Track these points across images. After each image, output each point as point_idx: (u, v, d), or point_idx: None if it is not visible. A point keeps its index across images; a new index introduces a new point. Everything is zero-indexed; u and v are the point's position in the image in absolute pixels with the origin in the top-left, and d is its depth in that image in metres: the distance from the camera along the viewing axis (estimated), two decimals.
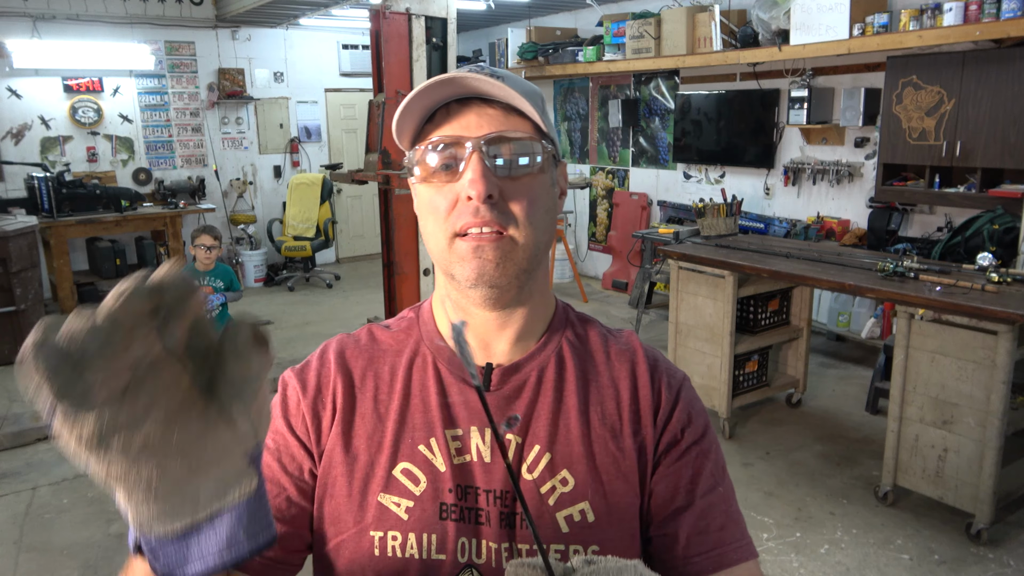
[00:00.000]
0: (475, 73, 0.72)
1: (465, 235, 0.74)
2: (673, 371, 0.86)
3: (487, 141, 0.73)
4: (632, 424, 0.81)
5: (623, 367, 0.84)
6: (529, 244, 0.75)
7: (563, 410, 0.80)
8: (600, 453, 0.79)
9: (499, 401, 0.80)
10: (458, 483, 0.78)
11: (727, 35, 5.59)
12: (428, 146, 0.75)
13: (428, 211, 0.78)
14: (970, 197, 4.41)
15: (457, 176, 0.74)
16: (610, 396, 0.82)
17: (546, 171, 0.78)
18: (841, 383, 4.85)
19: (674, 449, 0.80)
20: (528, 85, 0.78)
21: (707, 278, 3.99)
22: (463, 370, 0.81)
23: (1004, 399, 2.86)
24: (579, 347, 0.85)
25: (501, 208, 0.74)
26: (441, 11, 5.28)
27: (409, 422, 0.80)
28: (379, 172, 5.05)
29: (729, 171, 6.34)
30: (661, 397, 0.82)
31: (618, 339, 0.87)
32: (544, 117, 0.77)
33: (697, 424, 0.82)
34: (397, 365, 0.83)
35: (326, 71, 8.49)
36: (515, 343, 0.82)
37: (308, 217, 7.80)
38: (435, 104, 0.76)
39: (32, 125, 6.92)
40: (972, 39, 4.16)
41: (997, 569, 2.87)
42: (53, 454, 3.99)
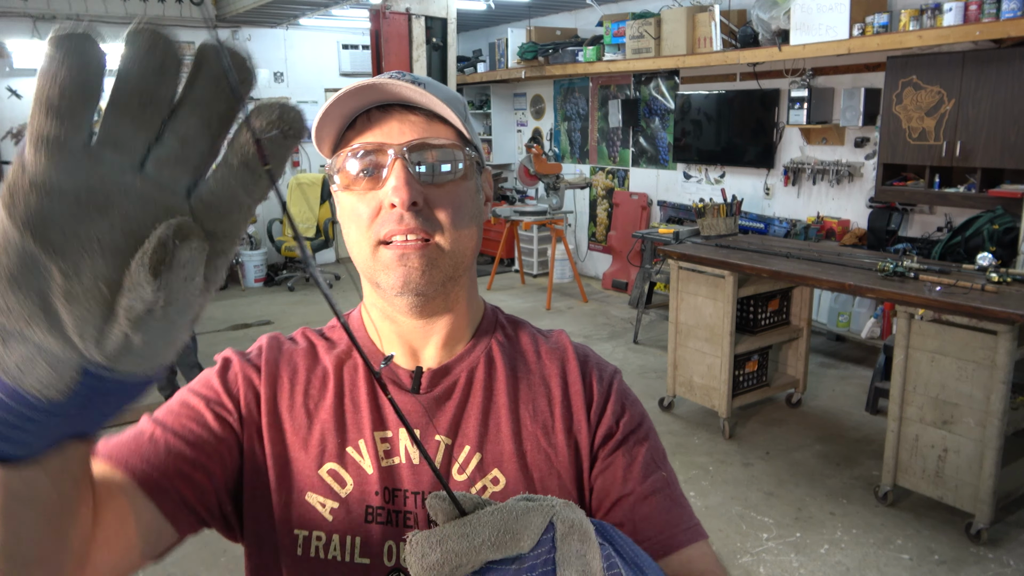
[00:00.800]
0: (396, 79, 0.72)
1: (389, 243, 0.73)
2: (604, 366, 0.86)
3: (410, 148, 0.73)
4: (564, 420, 0.80)
5: (553, 365, 0.84)
6: (455, 251, 0.75)
7: (493, 409, 0.80)
8: (532, 451, 0.79)
9: (429, 403, 0.80)
10: (385, 485, 0.77)
11: (727, 35, 5.59)
12: (349, 153, 0.74)
13: (351, 219, 0.76)
14: (970, 197, 4.41)
15: (380, 183, 0.73)
16: (541, 394, 0.82)
17: (470, 178, 0.77)
18: (841, 383, 4.85)
19: (610, 441, 0.80)
20: (450, 92, 0.78)
21: (707, 278, 3.99)
22: (394, 373, 0.81)
23: (1004, 399, 2.86)
24: (509, 348, 0.85)
25: (426, 215, 0.73)
26: (441, 11, 5.28)
27: (338, 423, 0.79)
28: None
29: (729, 171, 6.34)
30: (593, 391, 0.82)
31: (548, 339, 0.88)
32: (467, 124, 0.77)
33: (632, 414, 0.82)
34: (329, 366, 0.82)
35: (326, 71, 8.49)
36: (443, 347, 0.82)
37: (308, 217, 7.80)
38: (356, 110, 0.76)
39: None
40: (972, 39, 4.16)
41: (997, 569, 2.87)
42: None
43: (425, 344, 0.82)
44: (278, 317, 6.64)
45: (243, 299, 7.33)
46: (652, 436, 0.82)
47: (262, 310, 6.89)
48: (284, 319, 6.58)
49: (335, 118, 0.75)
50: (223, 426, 0.77)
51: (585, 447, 0.80)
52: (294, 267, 8.13)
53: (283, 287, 7.77)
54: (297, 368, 0.83)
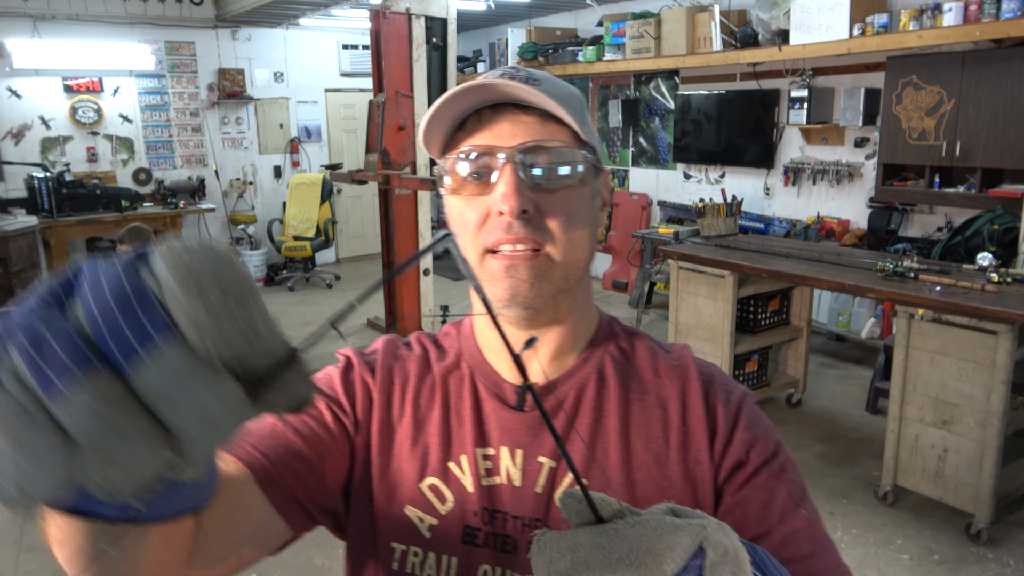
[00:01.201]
0: (508, 79, 0.67)
1: (497, 252, 0.69)
2: (731, 387, 0.77)
3: (522, 151, 0.68)
4: (680, 449, 0.72)
5: (672, 384, 0.76)
6: (567, 262, 0.70)
7: (602, 432, 0.74)
8: (642, 482, 0.72)
9: (533, 422, 0.75)
10: (484, 506, 0.73)
11: (727, 35, 5.59)
12: (458, 155, 0.70)
13: (458, 224, 0.72)
14: (970, 197, 4.41)
15: (489, 188, 0.69)
16: (656, 417, 0.74)
17: (587, 182, 0.72)
18: (841, 383, 4.85)
19: (739, 473, 0.71)
20: (567, 89, 0.73)
21: (707, 278, 3.99)
22: (499, 387, 0.77)
23: (1004, 399, 2.86)
24: (623, 363, 0.78)
25: (536, 223, 0.68)
26: (441, 11, 5.28)
27: (443, 436, 0.76)
28: (379, 172, 5.05)
29: (729, 171, 6.34)
30: (717, 418, 0.74)
31: (669, 354, 0.79)
32: (584, 124, 0.72)
33: (765, 443, 0.73)
34: (438, 376, 0.80)
35: (326, 71, 8.49)
36: (551, 361, 0.77)
37: (308, 217, 7.80)
38: (466, 111, 0.71)
39: (32, 125, 6.92)
40: (972, 39, 4.16)
41: (997, 569, 2.87)
42: None
43: (532, 358, 0.77)
44: (278, 317, 6.62)
45: None
46: (790, 468, 0.72)
47: None
48: (284, 319, 6.56)
49: (444, 119, 0.71)
50: (339, 427, 0.76)
51: (707, 481, 0.71)
52: (294, 267, 8.13)
53: (283, 287, 7.77)
54: (409, 376, 0.80)
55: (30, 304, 0.35)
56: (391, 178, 4.99)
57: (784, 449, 0.74)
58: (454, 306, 6.35)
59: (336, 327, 0.45)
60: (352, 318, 6.52)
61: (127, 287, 0.34)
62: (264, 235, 8.07)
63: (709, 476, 0.71)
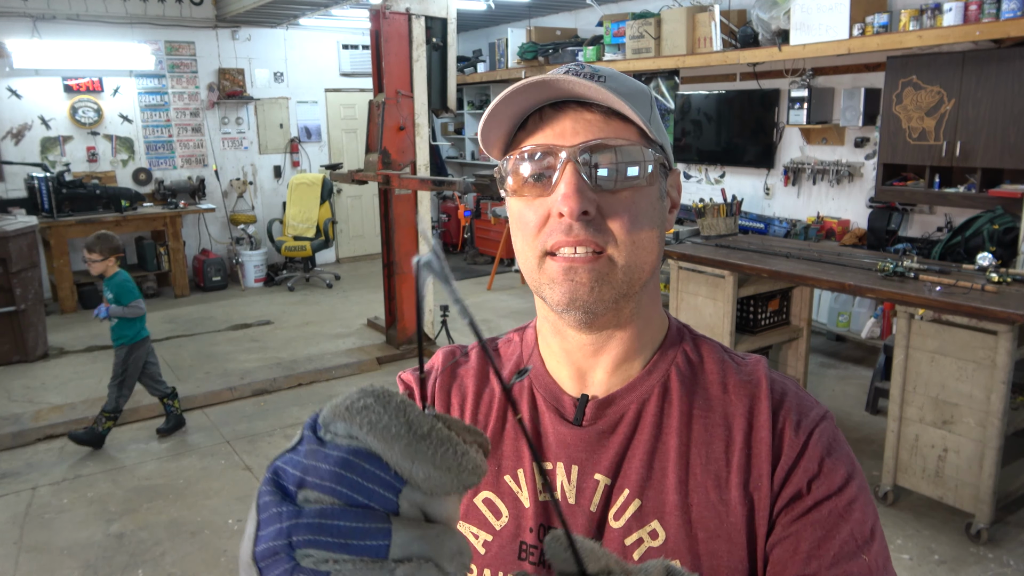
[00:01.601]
0: (570, 75, 0.65)
1: (556, 254, 0.66)
2: (805, 408, 0.70)
3: (583, 150, 0.65)
4: (742, 472, 0.68)
5: (741, 402, 0.71)
6: (630, 265, 0.67)
7: (660, 451, 0.70)
8: (699, 504, 0.67)
9: (591, 438, 0.71)
10: (541, 523, 0.71)
11: (727, 35, 5.59)
12: (519, 155, 0.68)
13: (518, 227, 0.70)
14: (970, 197, 4.41)
15: (550, 189, 0.66)
16: (719, 436, 0.69)
17: (654, 182, 0.69)
18: (841, 383, 4.85)
19: (796, 505, 0.66)
20: (633, 84, 0.70)
21: (707, 278, 3.99)
22: (559, 400, 0.74)
23: (1004, 399, 2.86)
24: (690, 376, 0.73)
25: (598, 225, 0.66)
26: (441, 11, 5.28)
27: (499, 448, 0.74)
28: (379, 172, 5.05)
29: (729, 171, 6.34)
30: (783, 441, 0.68)
31: (741, 368, 0.74)
32: (652, 121, 0.69)
33: (832, 476, 0.66)
34: (496, 386, 0.77)
35: (326, 71, 8.49)
36: (614, 371, 0.73)
37: (308, 217, 7.80)
38: (527, 109, 0.69)
39: (32, 125, 6.92)
40: (972, 39, 4.16)
41: (997, 569, 2.87)
42: (53, 454, 3.99)
43: (594, 366, 0.73)
44: (278, 317, 6.64)
45: (243, 299, 7.33)
46: (860, 508, 0.66)
47: (262, 310, 6.89)
48: (284, 319, 6.58)
49: (504, 118, 0.68)
50: None
51: (763, 508, 0.66)
52: (294, 267, 8.13)
53: (283, 287, 7.77)
54: (467, 393, 0.78)
55: (268, 510, 0.37)
56: (391, 178, 4.99)
57: (856, 484, 0.67)
58: (454, 307, 6.35)
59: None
60: (351, 318, 6.52)
61: (352, 473, 0.36)
62: (264, 235, 8.07)
63: (767, 504, 0.66)
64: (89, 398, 4.64)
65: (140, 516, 3.34)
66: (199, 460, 3.89)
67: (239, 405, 4.63)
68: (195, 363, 5.41)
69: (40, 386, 5.00)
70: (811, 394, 0.74)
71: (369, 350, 5.46)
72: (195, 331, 6.23)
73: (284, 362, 5.26)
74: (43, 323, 5.60)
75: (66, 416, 4.31)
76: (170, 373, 5.20)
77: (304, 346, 5.73)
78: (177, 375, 5.15)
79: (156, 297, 7.34)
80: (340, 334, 6.07)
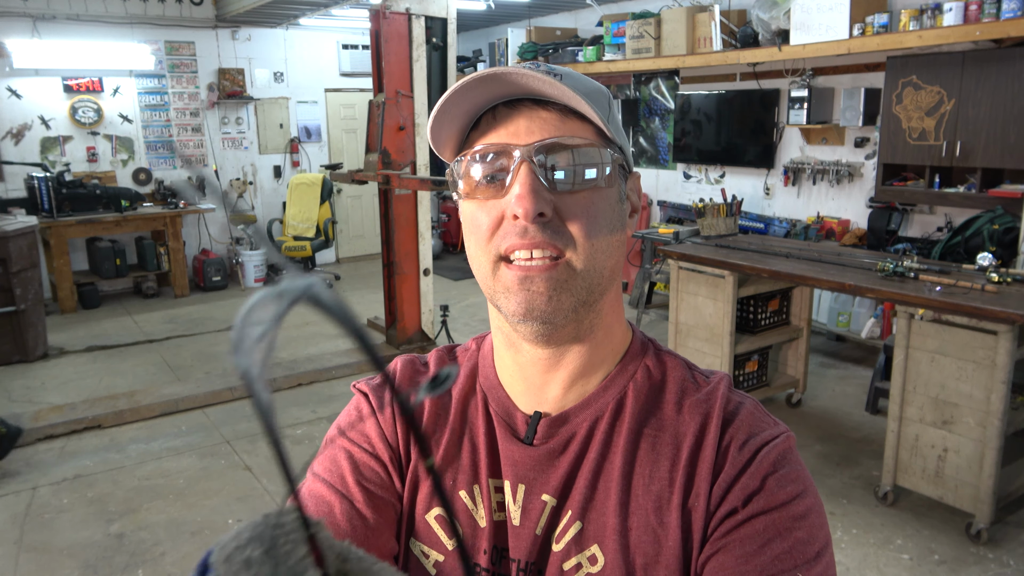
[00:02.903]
0: (524, 69, 0.61)
1: (511, 261, 0.63)
2: (757, 427, 0.66)
3: (538, 149, 0.62)
4: (682, 492, 0.63)
5: (693, 420, 0.66)
6: (590, 271, 0.63)
7: (606, 472, 0.66)
8: (637, 528, 0.64)
9: (541, 457, 0.67)
10: (494, 544, 0.68)
11: (727, 35, 5.59)
12: (471, 156, 0.64)
13: (470, 230, 0.66)
14: (970, 197, 4.41)
15: (504, 191, 0.63)
16: (666, 456, 0.65)
17: (613, 184, 0.66)
18: (841, 383, 4.85)
19: (728, 520, 0.62)
20: (591, 84, 0.67)
21: (707, 278, 3.99)
22: (511, 416, 0.71)
23: (1004, 399, 2.86)
24: (647, 393, 0.69)
25: (555, 228, 0.62)
26: (441, 11, 5.28)
27: (454, 462, 0.71)
28: (379, 172, 5.05)
29: (729, 171, 6.34)
30: (727, 458, 0.64)
31: (700, 387, 0.70)
32: (610, 121, 0.66)
33: (775, 492, 0.61)
34: (452, 397, 0.74)
35: (326, 71, 8.49)
36: (570, 387, 0.69)
37: (308, 217, 7.80)
38: (479, 107, 0.65)
39: (32, 125, 6.92)
40: (972, 39, 4.16)
41: (997, 569, 2.87)
42: (53, 454, 3.99)
43: (549, 381, 0.69)
44: None
45: (243, 299, 7.28)
46: (804, 528, 0.60)
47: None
48: (284, 319, 6.57)
49: (455, 116, 0.65)
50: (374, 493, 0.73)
51: (698, 528, 0.62)
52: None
53: None
54: (422, 405, 0.74)
55: None
56: (391, 178, 4.99)
57: (805, 504, 0.62)
58: (454, 306, 6.35)
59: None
60: None
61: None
62: (264, 235, 8.07)
63: (702, 524, 0.62)
64: (89, 398, 4.64)
65: (140, 516, 3.34)
66: (199, 460, 3.89)
67: (239, 405, 4.63)
68: (195, 363, 5.41)
69: (40, 386, 5.00)
70: (774, 417, 0.69)
71: None
72: (195, 331, 6.23)
73: (284, 362, 5.26)
74: (43, 323, 5.60)
75: (66, 416, 4.31)
76: (170, 373, 5.20)
77: (304, 346, 5.73)
78: (177, 375, 5.16)
79: (156, 297, 7.34)
80: (340, 334, 6.07)
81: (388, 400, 0.76)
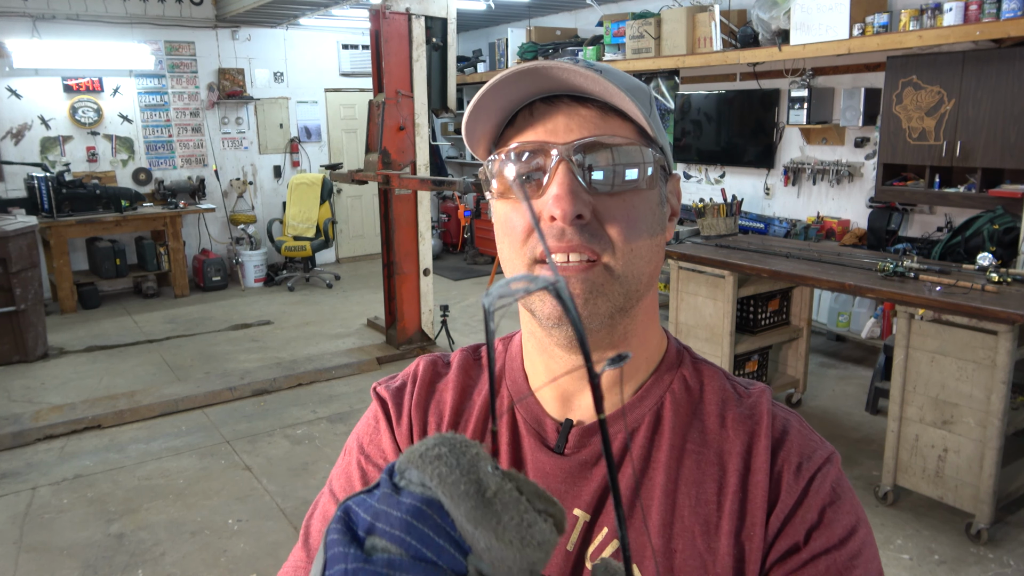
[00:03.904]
0: (564, 63, 0.59)
1: (547, 263, 0.61)
2: (809, 449, 0.63)
3: (577, 148, 0.60)
4: (733, 519, 0.61)
5: (739, 438, 0.64)
6: (628, 275, 0.61)
7: (646, 487, 0.64)
8: (683, 551, 0.61)
9: (572, 468, 0.65)
10: None
11: (727, 35, 5.59)
12: (506, 154, 0.62)
13: (504, 232, 0.64)
14: (970, 197, 4.41)
15: (540, 191, 0.60)
16: (712, 477, 0.63)
17: (653, 186, 0.63)
18: (841, 383, 4.85)
19: (790, 560, 0.60)
20: (632, 81, 0.64)
21: (707, 278, 3.99)
22: (540, 423, 0.68)
23: (1004, 399, 2.86)
24: (686, 406, 0.67)
25: (593, 230, 0.60)
26: (441, 11, 5.28)
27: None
28: (379, 172, 5.05)
29: (729, 171, 6.34)
30: (781, 486, 0.61)
31: (742, 400, 0.67)
32: (652, 119, 0.63)
33: (833, 527, 0.60)
34: (474, 401, 0.72)
35: (326, 71, 8.49)
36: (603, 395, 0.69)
37: (308, 217, 7.80)
38: (516, 103, 0.63)
39: (32, 125, 6.92)
40: (972, 39, 4.16)
41: (997, 569, 2.87)
42: (53, 454, 3.99)
43: (580, 388, 0.67)
44: (278, 317, 6.64)
45: (243, 299, 7.33)
46: (862, 563, 0.60)
47: (262, 310, 6.89)
48: (284, 319, 6.58)
49: (491, 112, 0.63)
50: None
51: (754, 561, 0.60)
52: (294, 267, 8.13)
53: (283, 287, 7.77)
54: (444, 409, 0.72)
55: (335, 548, 0.34)
56: (391, 178, 4.99)
57: (860, 535, 0.61)
58: (454, 306, 6.35)
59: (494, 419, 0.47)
60: (351, 318, 6.52)
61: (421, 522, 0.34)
62: (264, 235, 8.07)
63: (759, 555, 0.60)
64: (89, 398, 4.64)
65: (140, 516, 3.34)
66: (199, 460, 3.89)
67: (239, 405, 4.63)
68: (195, 363, 5.41)
69: (40, 386, 5.00)
70: (816, 432, 0.67)
71: (369, 350, 5.46)
72: (195, 331, 6.23)
73: (284, 362, 5.25)
74: (43, 323, 5.60)
75: (66, 416, 4.31)
76: (170, 373, 5.20)
77: (304, 346, 5.73)
78: (177, 375, 5.16)
79: (156, 297, 7.34)
80: (340, 334, 6.07)
81: (406, 408, 0.74)
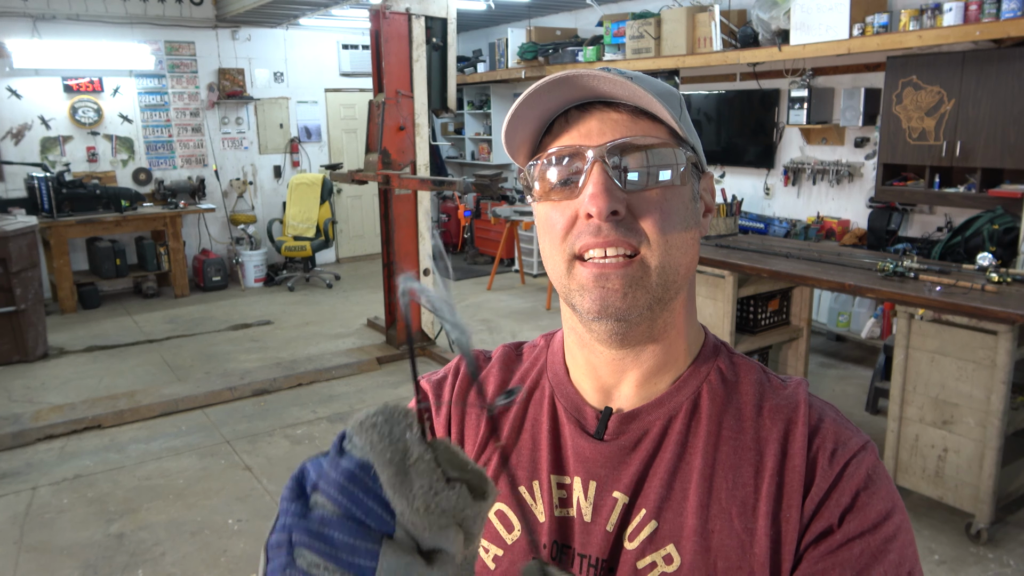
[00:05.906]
0: (595, 71, 0.63)
1: (586, 260, 0.64)
2: (844, 437, 0.65)
3: (611, 150, 0.63)
4: (770, 502, 0.63)
5: (775, 426, 0.66)
6: (665, 267, 0.64)
7: (683, 471, 0.66)
8: (719, 532, 0.63)
9: (612, 453, 0.68)
10: (555, 539, 0.68)
11: (727, 35, 5.59)
12: (544, 160, 0.66)
13: (545, 230, 0.67)
14: (970, 197, 4.41)
15: (577, 192, 0.64)
16: (749, 461, 0.65)
17: (685, 182, 0.66)
18: (841, 383, 4.85)
19: (824, 542, 0.61)
20: (663, 85, 0.68)
21: (707, 278, 3.99)
22: (580, 411, 0.71)
23: (1004, 399, 2.86)
24: (723, 395, 0.69)
25: (628, 225, 0.63)
26: (441, 11, 5.28)
27: (514, 458, 0.72)
28: (379, 172, 5.05)
29: (729, 171, 6.34)
30: (816, 470, 0.63)
31: (779, 391, 0.69)
32: (682, 121, 0.66)
33: (867, 511, 0.61)
34: (517, 396, 0.75)
35: (326, 71, 8.49)
36: (641, 385, 0.70)
37: (308, 217, 7.80)
38: (552, 112, 0.67)
39: (32, 125, 6.92)
40: (972, 39, 4.16)
41: (997, 569, 2.87)
42: (53, 454, 3.99)
43: (620, 380, 0.70)
44: (278, 317, 6.64)
45: (243, 299, 7.33)
46: (896, 548, 0.61)
47: (262, 310, 6.89)
48: (284, 319, 6.58)
49: (528, 121, 0.66)
50: None
51: (790, 541, 0.62)
52: (294, 267, 8.13)
53: (283, 287, 7.77)
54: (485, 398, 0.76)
55: (283, 504, 0.40)
56: (391, 178, 4.99)
57: (894, 521, 0.62)
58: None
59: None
60: (351, 318, 6.52)
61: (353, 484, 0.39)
62: (264, 235, 8.07)
63: (795, 536, 0.62)
64: (89, 398, 4.64)
65: (140, 516, 3.34)
66: (199, 460, 3.89)
67: (239, 405, 4.63)
68: (195, 363, 5.41)
69: (40, 386, 5.00)
70: (854, 424, 0.69)
71: (369, 350, 5.46)
72: (195, 331, 6.23)
73: (284, 362, 5.25)
74: (43, 323, 5.60)
75: (66, 416, 4.31)
76: (170, 373, 5.20)
77: (304, 346, 5.73)
78: (177, 375, 5.16)
79: (156, 297, 7.34)
80: (340, 334, 6.07)
81: (446, 400, 0.78)
